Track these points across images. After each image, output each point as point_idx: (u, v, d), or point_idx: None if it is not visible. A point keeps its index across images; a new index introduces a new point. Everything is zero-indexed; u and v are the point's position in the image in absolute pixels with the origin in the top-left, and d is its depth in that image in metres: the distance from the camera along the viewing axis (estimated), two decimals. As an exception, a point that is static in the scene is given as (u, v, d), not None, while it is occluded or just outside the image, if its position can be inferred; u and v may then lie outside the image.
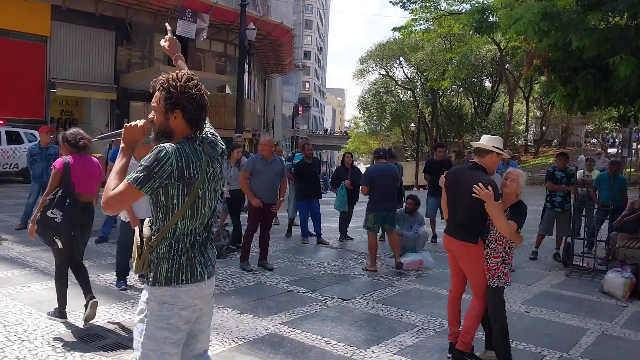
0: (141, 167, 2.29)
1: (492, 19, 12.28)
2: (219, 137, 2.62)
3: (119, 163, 2.41)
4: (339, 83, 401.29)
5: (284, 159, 11.34)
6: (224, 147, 2.63)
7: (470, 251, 4.35)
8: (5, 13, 18.24)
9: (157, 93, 2.44)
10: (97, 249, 8.09)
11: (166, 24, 3.53)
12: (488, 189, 4.09)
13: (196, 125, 2.45)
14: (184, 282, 2.39)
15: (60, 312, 4.93)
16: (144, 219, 2.64)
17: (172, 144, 2.34)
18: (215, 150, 2.52)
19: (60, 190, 4.79)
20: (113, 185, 2.31)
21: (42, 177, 8.98)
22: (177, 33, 21.60)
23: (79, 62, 20.88)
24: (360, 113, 59.61)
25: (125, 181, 2.29)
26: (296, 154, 10.70)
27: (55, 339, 4.45)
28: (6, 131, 15.87)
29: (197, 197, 2.38)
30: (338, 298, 6.11)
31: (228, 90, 27.17)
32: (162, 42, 2.98)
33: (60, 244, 4.76)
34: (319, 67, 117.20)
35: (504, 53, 35.18)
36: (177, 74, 2.45)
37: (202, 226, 2.48)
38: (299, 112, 65.16)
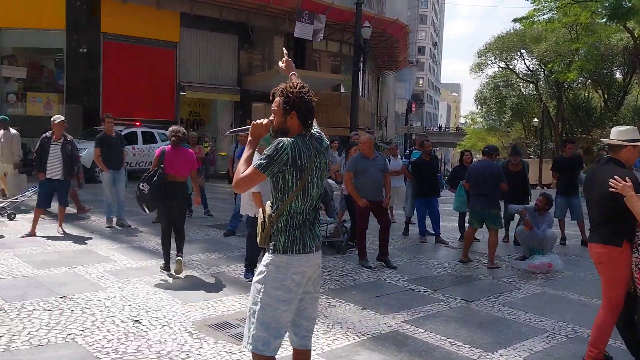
0: (264, 156, 2.85)
1: (628, 4, 11.32)
2: (323, 135, 3.14)
3: (246, 153, 3.01)
4: (455, 78, 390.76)
5: (396, 158, 11.27)
6: (328, 142, 3.17)
7: (605, 254, 3.98)
8: (140, 22, 19.78)
9: (277, 98, 2.97)
10: (225, 241, 8.55)
11: (283, 48, 4.01)
12: (626, 181, 3.76)
13: (307, 124, 2.98)
14: (297, 252, 2.91)
15: (165, 266, 6.46)
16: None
17: (289, 138, 2.90)
18: (321, 145, 3.06)
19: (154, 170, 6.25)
20: (242, 169, 2.92)
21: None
22: (295, 35, 22.25)
23: (205, 66, 22.16)
24: (477, 108, 57.51)
25: (252, 166, 2.89)
26: (413, 151, 10.57)
27: (191, 325, 4.77)
28: (142, 132, 17.23)
29: (307, 182, 2.92)
30: (461, 299, 5.96)
31: (342, 89, 27.47)
32: (280, 64, 3.53)
33: (147, 211, 6.29)
34: (434, 63, 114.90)
35: (638, 42, 32.28)
36: (293, 82, 3.02)
37: (311, 207, 2.99)
38: (413, 109, 64.28)
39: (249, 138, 3.04)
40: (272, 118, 3.01)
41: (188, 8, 20.81)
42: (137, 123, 17.72)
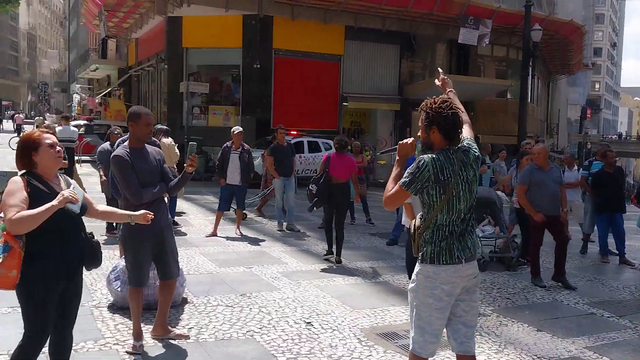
0: (407, 174, 2.99)
1: None
2: (473, 145, 3.14)
3: (394, 171, 3.14)
4: (638, 81, 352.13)
5: (571, 169, 10.40)
6: (477, 153, 3.15)
7: None
8: (308, 37, 20.73)
9: (421, 114, 3.10)
10: (388, 250, 8.59)
11: (439, 68, 3.98)
12: None
13: (450, 138, 3.04)
14: (444, 262, 3.00)
15: (328, 252, 7.57)
16: None
17: (429, 155, 3.00)
18: (467, 157, 3.07)
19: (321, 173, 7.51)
20: (390, 187, 3.07)
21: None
22: (459, 41, 21.73)
23: (367, 76, 22.54)
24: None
25: (397, 185, 3.03)
26: (594, 162, 9.69)
27: (360, 332, 4.84)
28: (307, 141, 18.01)
29: (451, 196, 2.99)
30: (654, 328, 5.32)
31: (509, 95, 26.19)
32: (437, 82, 3.60)
33: (315, 208, 7.64)
34: (612, 65, 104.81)
35: None
36: (434, 98, 3.08)
37: (459, 220, 3.04)
38: (588, 115, 59.12)
39: (397, 157, 3.19)
40: (420, 134, 3.16)
41: (353, 21, 21.36)
42: (294, 132, 18.50)
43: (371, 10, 20.77)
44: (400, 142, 3.21)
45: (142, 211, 3.58)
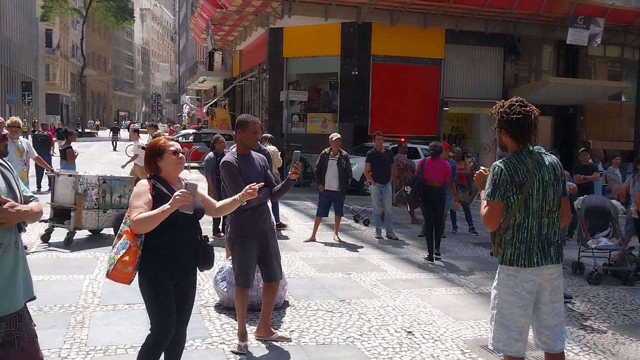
0: (488, 185, 3.15)
1: None
2: (546, 153, 3.25)
3: (482, 195, 3.23)
4: None
5: None
6: (555, 158, 3.23)
7: None
8: (406, 42, 20.53)
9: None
10: (492, 261, 8.25)
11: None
12: None
13: (519, 140, 3.15)
14: (522, 266, 3.09)
15: (428, 257, 7.96)
16: None
17: (501, 160, 3.15)
18: (543, 160, 3.17)
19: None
20: (482, 208, 3.20)
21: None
22: (567, 42, 20.59)
23: (468, 80, 21.92)
24: None
25: (484, 201, 3.17)
26: None
27: (463, 343, 4.70)
28: (407, 147, 17.82)
29: (528, 195, 3.08)
30: None
31: (623, 98, 24.41)
32: None
33: (408, 208, 8.68)
34: None
35: None
36: (503, 102, 3.23)
37: (538, 222, 3.10)
38: None
39: (479, 191, 3.34)
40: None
41: (454, 24, 20.90)
42: (402, 139, 18.38)
43: (473, 13, 20.22)
44: (476, 174, 3.40)
45: (245, 189, 3.59)
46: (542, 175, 3.13)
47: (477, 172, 3.37)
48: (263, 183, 4.40)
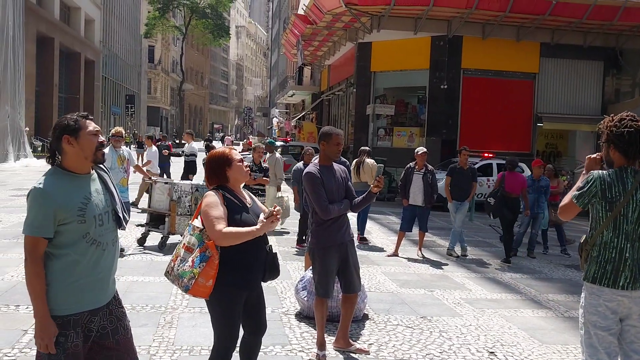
0: (578, 188, 3.09)
1: None
2: None
3: (577, 184, 3.14)
4: None
5: None
6: None
7: None
8: (499, 56, 20.00)
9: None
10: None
11: None
12: None
13: (628, 156, 3.03)
14: (605, 285, 2.99)
15: (504, 260, 8.92)
16: None
17: (600, 171, 3.06)
18: None
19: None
20: (566, 199, 3.15)
21: (534, 208, 9.35)
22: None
23: (565, 95, 20.99)
24: None
25: (569, 197, 3.13)
26: None
27: (549, 369, 4.48)
28: (497, 163, 17.26)
29: (618, 214, 2.98)
30: None
31: None
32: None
33: (491, 217, 9.31)
34: None
35: None
36: (613, 116, 3.11)
37: (629, 243, 2.98)
38: None
39: (583, 171, 3.21)
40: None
41: (549, 37, 20.12)
42: (486, 154, 17.84)
43: (571, 26, 19.37)
44: (589, 156, 3.27)
45: (264, 218, 3.13)
46: (638, 196, 2.99)
47: (591, 156, 3.24)
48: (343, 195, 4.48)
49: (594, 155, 3.24)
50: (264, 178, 8.44)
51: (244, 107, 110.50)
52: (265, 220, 3.03)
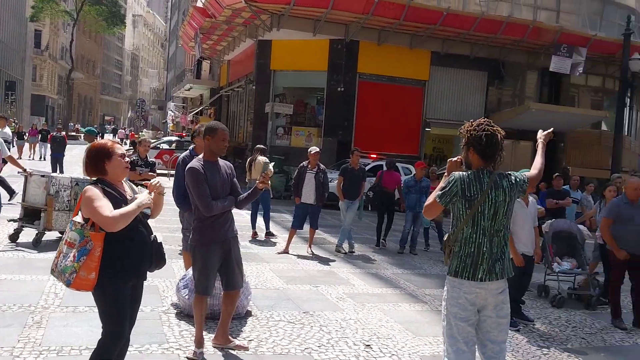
0: (441, 188, 3.30)
1: None
2: (520, 177, 3.37)
3: (439, 185, 3.38)
4: None
5: None
6: (519, 181, 3.34)
7: None
8: (392, 62, 20.78)
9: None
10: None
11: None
12: None
13: (486, 158, 3.28)
14: (466, 278, 3.24)
15: (376, 243, 10.25)
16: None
17: (460, 172, 3.28)
18: (502, 181, 3.28)
19: None
20: (431, 199, 3.37)
21: (416, 207, 9.81)
22: (550, 69, 21.02)
23: (452, 102, 22.20)
24: None
25: (433, 197, 3.35)
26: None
27: (420, 358, 4.74)
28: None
29: (477, 212, 3.23)
30: None
31: (604, 127, 24.85)
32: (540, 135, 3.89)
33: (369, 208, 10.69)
34: None
35: None
36: (472, 121, 3.38)
37: (486, 239, 3.23)
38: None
39: (445, 173, 3.43)
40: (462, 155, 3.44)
41: (439, 47, 21.21)
42: (372, 156, 18.46)
43: (459, 36, 20.57)
44: (450, 159, 3.49)
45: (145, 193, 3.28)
46: (496, 195, 3.26)
47: (452, 159, 3.47)
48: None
49: (455, 159, 3.48)
50: (149, 173, 8.16)
51: (138, 99, 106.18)
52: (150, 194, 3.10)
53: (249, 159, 10.44)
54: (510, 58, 22.31)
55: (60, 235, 8.36)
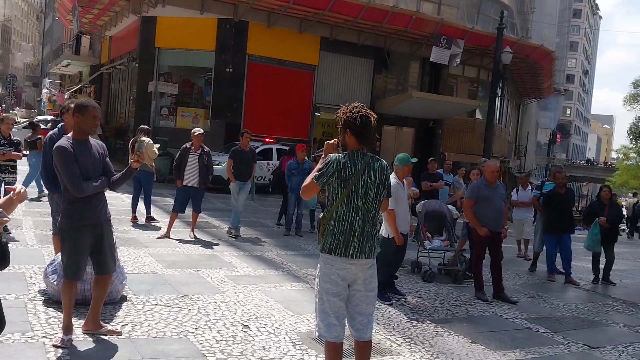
0: (317, 169, 3.42)
1: None
2: (378, 158, 3.56)
3: (316, 167, 3.50)
4: (608, 109, 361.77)
5: (525, 188, 10.64)
6: (384, 164, 3.56)
7: None
8: (282, 45, 20.82)
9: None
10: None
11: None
12: None
13: (362, 140, 3.46)
14: (338, 255, 3.39)
15: (277, 223, 10.98)
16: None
17: (336, 154, 3.43)
18: (374, 163, 3.47)
19: None
20: (308, 180, 3.46)
21: (298, 189, 9.96)
22: (430, 60, 22.09)
23: (340, 88, 22.70)
24: (631, 143, 52.52)
25: (310, 178, 3.45)
26: (546, 183, 9.94)
27: (296, 335, 4.87)
28: (277, 149, 18.02)
29: (351, 191, 3.38)
30: (584, 344, 5.47)
31: (478, 115, 26.66)
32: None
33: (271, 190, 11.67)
34: (584, 92, 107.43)
35: None
36: (347, 105, 3.55)
37: (359, 217, 3.39)
38: (557, 139, 60.52)
39: (322, 155, 3.58)
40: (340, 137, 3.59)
41: (328, 33, 21.55)
42: (271, 140, 18.54)
43: (347, 24, 21.00)
44: (327, 142, 3.60)
45: None
46: (367, 176, 3.42)
47: (329, 141, 3.58)
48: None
49: (332, 141, 3.59)
50: (14, 153, 7.59)
51: (8, 74, 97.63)
52: None
53: (131, 140, 10.01)
54: (395, 47, 23.17)
55: None
